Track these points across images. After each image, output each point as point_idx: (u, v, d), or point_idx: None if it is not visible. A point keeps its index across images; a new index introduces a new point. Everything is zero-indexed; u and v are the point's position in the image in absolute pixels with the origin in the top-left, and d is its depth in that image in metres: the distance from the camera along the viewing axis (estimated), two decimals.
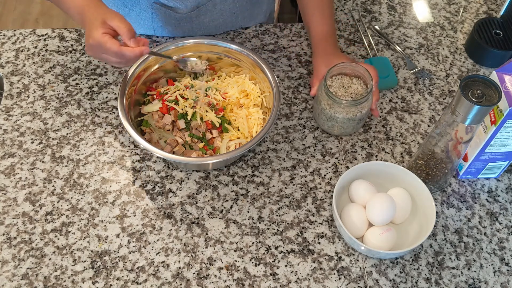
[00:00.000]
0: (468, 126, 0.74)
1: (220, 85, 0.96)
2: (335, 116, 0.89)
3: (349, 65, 0.90)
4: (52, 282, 0.79)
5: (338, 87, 0.90)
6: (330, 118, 0.90)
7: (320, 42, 0.98)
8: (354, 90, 0.90)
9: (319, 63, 0.96)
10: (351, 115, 0.88)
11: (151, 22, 1.06)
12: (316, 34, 0.99)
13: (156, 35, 1.09)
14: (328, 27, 0.99)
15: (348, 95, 0.90)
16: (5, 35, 1.10)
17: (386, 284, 0.80)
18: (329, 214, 0.87)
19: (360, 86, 0.91)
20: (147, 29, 1.08)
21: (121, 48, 0.79)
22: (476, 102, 0.70)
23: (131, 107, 0.90)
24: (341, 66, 0.89)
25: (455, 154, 0.81)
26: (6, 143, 0.94)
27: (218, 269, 0.80)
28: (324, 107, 0.89)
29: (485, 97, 0.70)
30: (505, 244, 0.84)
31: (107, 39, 0.79)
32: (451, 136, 0.77)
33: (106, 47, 0.79)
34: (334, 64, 0.91)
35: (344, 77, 0.92)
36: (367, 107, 0.89)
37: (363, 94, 0.89)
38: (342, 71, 0.91)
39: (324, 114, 0.90)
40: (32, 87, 1.02)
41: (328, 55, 0.96)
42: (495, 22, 1.09)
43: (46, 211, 0.86)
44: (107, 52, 0.80)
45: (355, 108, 0.87)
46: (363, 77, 0.91)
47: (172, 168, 0.91)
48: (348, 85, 0.91)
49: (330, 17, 1.00)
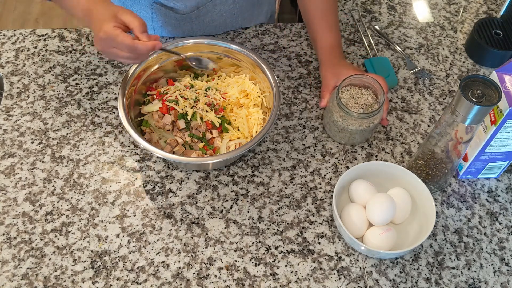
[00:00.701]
0: (468, 126, 0.74)
1: (220, 85, 0.96)
2: (348, 128, 0.89)
3: (360, 76, 0.90)
4: (52, 282, 0.79)
5: (348, 98, 0.91)
6: (342, 129, 0.90)
7: (327, 53, 0.98)
8: (364, 101, 0.91)
9: (327, 74, 0.97)
10: (364, 127, 0.89)
11: (151, 22, 1.06)
12: (322, 46, 0.99)
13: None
14: (334, 37, 0.99)
15: (359, 106, 0.90)
16: (5, 35, 1.10)
17: (386, 284, 0.80)
18: (329, 214, 0.87)
19: (370, 96, 0.91)
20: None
21: (133, 41, 0.77)
22: (476, 102, 0.70)
23: (131, 107, 0.90)
24: (351, 78, 0.90)
25: (455, 154, 0.81)
26: (6, 143, 0.94)
27: (218, 269, 0.80)
28: (337, 119, 0.89)
29: (485, 97, 0.70)
30: (505, 244, 0.84)
31: (118, 33, 0.76)
32: (451, 136, 0.77)
33: (118, 40, 0.76)
34: (341, 74, 0.92)
35: (353, 88, 0.92)
36: (379, 118, 0.89)
37: (373, 104, 0.90)
38: (351, 82, 0.92)
39: (336, 125, 0.91)
40: (32, 87, 1.02)
41: (335, 65, 0.96)
42: (495, 22, 1.09)
43: (46, 211, 0.86)
44: (119, 46, 0.77)
45: (367, 120, 0.87)
46: (372, 87, 0.91)
47: (172, 168, 0.91)
48: (358, 96, 0.91)
49: (335, 28, 1.00)
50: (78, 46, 1.09)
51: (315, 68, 1.06)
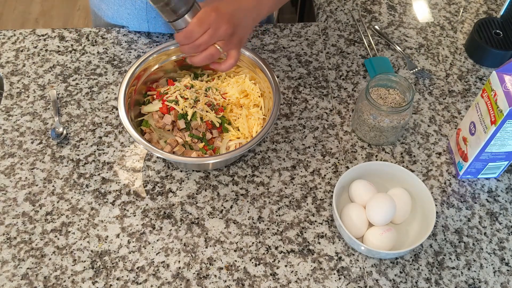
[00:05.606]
0: None
1: (220, 85, 0.96)
2: (379, 125, 0.89)
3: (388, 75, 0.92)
4: (52, 282, 0.79)
5: (376, 99, 0.91)
6: (373, 128, 0.90)
7: None
8: (392, 100, 0.91)
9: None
10: (395, 123, 0.89)
11: (145, 12, 1.04)
12: None
13: (150, 30, 1.09)
14: None
15: (388, 105, 0.91)
16: (5, 35, 1.10)
17: (386, 284, 0.80)
18: (329, 214, 0.87)
19: (398, 95, 0.92)
20: (141, 20, 1.06)
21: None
22: None
23: (131, 107, 0.90)
24: (378, 77, 0.91)
25: None
26: (6, 143, 0.94)
27: (218, 269, 0.80)
28: (367, 118, 0.90)
29: None
30: (505, 244, 0.84)
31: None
32: None
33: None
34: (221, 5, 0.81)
35: (381, 89, 0.93)
36: (409, 115, 0.90)
37: (401, 103, 0.91)
38: (378, 83, 0.92)
39: (366, 124, 0.91)
40: (32, 87, 1.02)
41: None
42: (495, 22, 1.08)
43: (46, 211, 0.86)
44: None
45: (398, 115, 0.88)
46: (398, 87, 0.92)
47: (172, 168, 0.91)
48: (385, 96, 0.92)
49: None
50: (78, 46, 1.09)
51: (315, 68, 1.06)
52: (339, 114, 0.99)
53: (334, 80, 1.04)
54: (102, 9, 1.11)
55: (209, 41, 0.78)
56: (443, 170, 0.92)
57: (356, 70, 1.06)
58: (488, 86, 0.81)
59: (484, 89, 0.82)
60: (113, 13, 1.09)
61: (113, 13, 1.09)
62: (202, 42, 0.77)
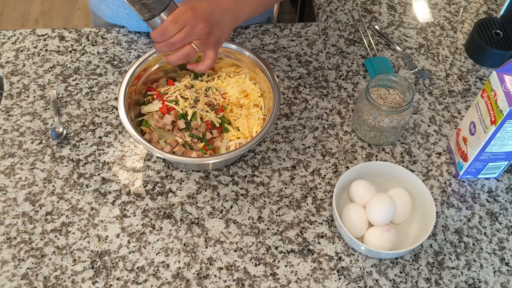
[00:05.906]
0: None
1: (220, 85, 0.96)
2: (379, 125, 0.89)
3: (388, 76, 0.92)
4: (52, 282, 0.79)
5: (376, 99, 0.91)
6: (373, 128, 0.90)
7: None
8: (392, 100, 0.91)
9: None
10: (395, 123, 0.89)
11: None
12: None
13: (149, 31, 1.09)
14: None
15: (388, 105, 0.91)
16: (5, 35, 1.10)
17: (386, 284, 0.80)
18: (329, 214, 0.87)
19: (398, 95, 0.92)
20: (140, 20, 1.06)
21: None
22: None
23: (131, 107, 0.90)
24: (378, 77, 0.91)
25: None
26: (6, 143, 0.94)
27: (218, 269, 0.80)
28: (367, 118, 0.90)
29: None
30: (505, 244, 0.84)
31: None
32: None
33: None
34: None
35: (380, 89, 0.93)
36: (409, 115, 0.90)
37: (401, 103, 0.91)
38: (378, 83, 0.92)
39: (366, 124, 0.91)
40: (32, 87, 1.02)
41: None
42: (495, 22, 1.08)
43: (46, 211, 0.86)
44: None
45: (398, 115, 0.88)
46: (398, 87, 0.92)
47: (172, 168, 0.91)
48: (385, 96, 0.92)
49: None
50: (78, 46, 1.09)
51: (315, 68, 1.06)
52: (339, 114, 0.99)
53: (334, 80, 1.04)
54: (101, 9, 1.11)
55: (185, 40, 0.77)
56: (443, 170, 0.92)
57: (356, 70, 1.06)
58: (488, 86, 0.81)
59: (484, 89, 0.82)
60: (112, 13, 1.09)
61: (112, 13, 1.09)
62: (178, 40, 0.76)
